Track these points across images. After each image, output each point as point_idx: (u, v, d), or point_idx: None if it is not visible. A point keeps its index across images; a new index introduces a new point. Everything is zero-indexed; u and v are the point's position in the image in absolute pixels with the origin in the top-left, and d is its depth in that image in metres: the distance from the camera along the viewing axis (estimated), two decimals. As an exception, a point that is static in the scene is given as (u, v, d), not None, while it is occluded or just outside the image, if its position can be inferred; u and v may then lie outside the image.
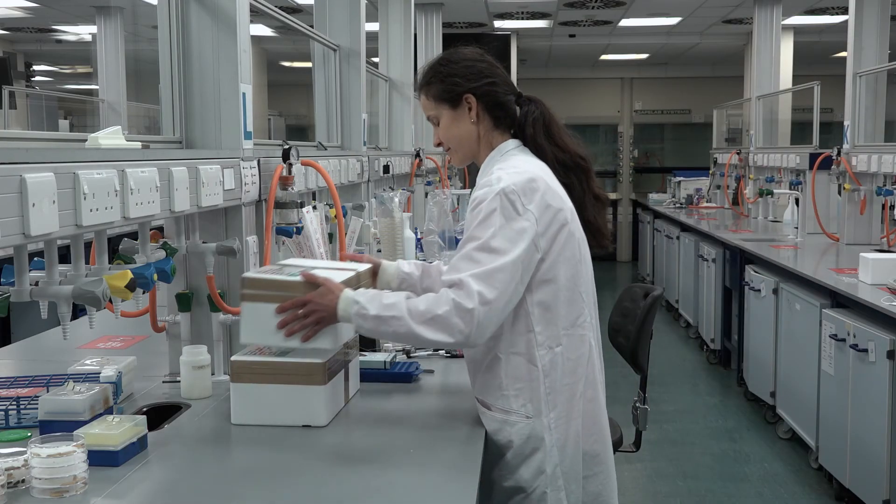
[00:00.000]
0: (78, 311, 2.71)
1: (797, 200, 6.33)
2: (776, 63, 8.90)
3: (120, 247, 2.06)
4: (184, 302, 2.40)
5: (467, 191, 6.59)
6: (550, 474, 1.94)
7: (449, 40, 8.73)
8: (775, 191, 7.06)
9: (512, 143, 2.06)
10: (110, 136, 1.94)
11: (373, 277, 2.23)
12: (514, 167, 1.96)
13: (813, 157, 6.03)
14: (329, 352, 1.98)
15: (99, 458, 1.71)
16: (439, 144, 2.12)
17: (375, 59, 6.44)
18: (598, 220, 2.08)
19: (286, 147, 2.58)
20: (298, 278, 1.98)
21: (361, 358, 2.36)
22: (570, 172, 2.05)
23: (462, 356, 2.12)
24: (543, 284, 1.91)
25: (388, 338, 1.94)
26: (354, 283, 2.07)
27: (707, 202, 9.40)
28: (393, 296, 1.91)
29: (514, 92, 2.08)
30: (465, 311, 1.81)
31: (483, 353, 1.98)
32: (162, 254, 2.12)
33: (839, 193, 5.70)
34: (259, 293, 1.97)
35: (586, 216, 2.04)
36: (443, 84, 2.05)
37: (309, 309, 1.94)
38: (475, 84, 2.03)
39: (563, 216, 1.94)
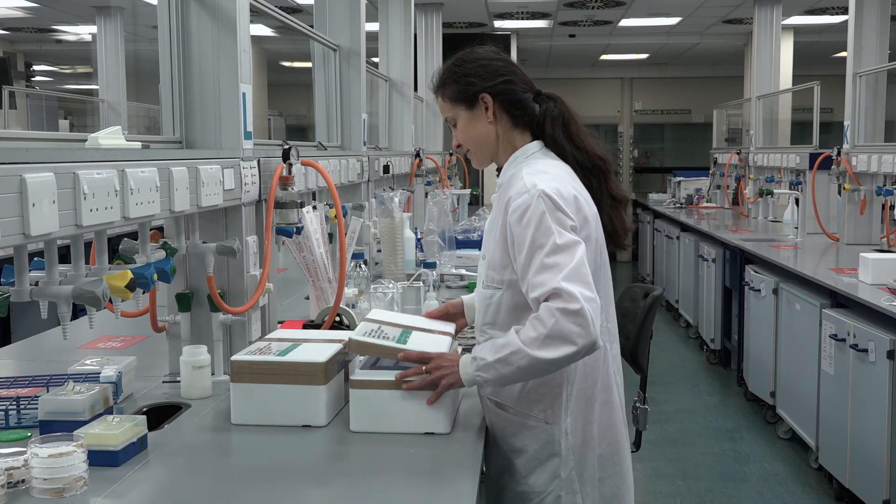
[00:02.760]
0: (78, 311, 2.72)
1: (797, 200, 6.33)
2: (776, 63, 8.90)
3: (120, 247, 2.06)
4: (184, 302, 2.40)
5: (467, 191, 6.61)
6: (566, 478, 1.93)
7: (449, 40, 8.74)
8: (775, 191, 7.06)
9: (535, 146, 2.02)
10: (110, 136, 1.94)
11: (456, 317, 2.25)
12: (543, 171, 1.93)
13: (813, 157, 6.04)
14: (441, 434, 1.94)
15: (99, 458, 1.71)
16: (459, 146, 2.09)
17: (375, 59, 6.44)
18: (615, 220, 2.05)
19: (286, 147, 2.58)
20: (407, 347, 1.98)
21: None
22: (589, 174, 2.02)
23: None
24: None
25: (517, 377, 1.85)
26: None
27: (707, 202, 9.40)
28: (504, 337, 1.86)
29: (533, 89, 2.04)
30: (574, 313, 1.73)
31: None
32: (162, 254, 2.12)
33: (839, 193, 5.70)
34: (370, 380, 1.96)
35: (602, 218, 2.01)
36: (458, 85, 2.02)
37: (434, 365, 1.91)
38: (490, 83, 1.99)
39: (588, 223, 1.93)
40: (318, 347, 2.10)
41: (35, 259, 1.76)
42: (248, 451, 1.92)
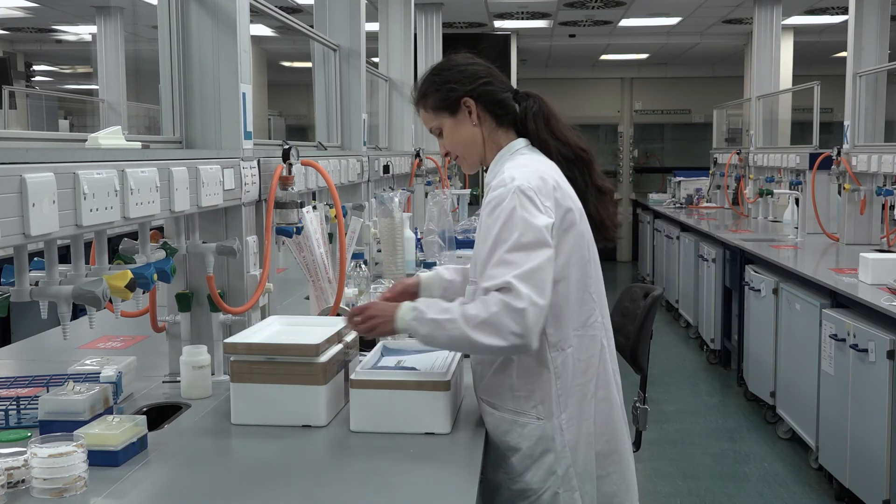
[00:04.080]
0: (78, 311, 2.71)
1: (797, 200, 6.33)
2: (776, 63, 8.90)
3: (120, 247, 2.06)
4: (184, 302, 2.40)
5: (467, 191, 6.60)
6: (563, 475, 1.93)
7: (449, 40, 8.74)
8: (775, 191, 7.06)
9: (521, 142, 2.05)
10: (110, 136, 1.94)
11: (414, 296, 2.21)
12: (525, 166, 1.95)
13: (813, 157, 6.04)
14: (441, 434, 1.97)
15: (99, 458, 1.71)
16: (447, 154, 2.11)
17: (375, 59, 6.44)
18: (602, 212, 2.06)
19: (286, 147, 2.58)
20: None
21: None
22: (573, 166, 2.04)
23: (468, 356, 2.12)
24: (554, 285, 1.88)
25: (444, 344, 1.90)
26: (335, 339, 2.12)
27: (707, 202, 9.40)
28: (449, 303, 1.89)
29: (511, 89, 2.08)
30: (516, 311, 1.77)
31: None
32: (162, 254, 2.12)
33: (839, 193, 5.70)
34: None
35: (589, 209, 2.02)
36: (438, 93, 2.04)
37: (368, 314, 1.97)
38: (470, 86, 2.02)
39: (573, 216, 1.93)
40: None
41: (35, 259, 1.76)
42: (248, 451, 1.92)
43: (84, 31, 10.53)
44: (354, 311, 2.01)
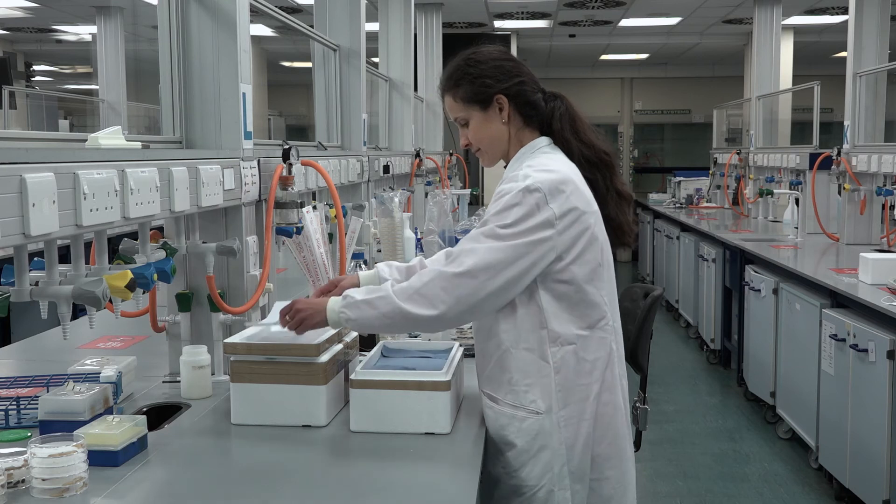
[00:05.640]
0: (78, 311, 2.71)
1: (797, 200, 6.33)
2: (776, 63, 8.90)
3: (120, 247, 2.06)
4: (184, 302, 2.40)
5: (467, 191, 6.60)
6: (558, 473, 1.93)
7: (449, 40, 8.74)
8: (775, 191, 7.05)
9: (543, 140, 2.05)
10: (110, 136, 1.94)
11: None
12: (544, 165, 1.95)
13: (813, 157, 6.04)
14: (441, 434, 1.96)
15: (99, 458, 1.72)
16: (468, 145, 2.11)
17: (375, 59, 6.44)
18: (620, 216, 2.07)
19: (286, 147, 2.58)
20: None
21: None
22: (595, 168, 2.04)
23: (472, 356, 2.12)
24: (559, 284, 1.90)
25: (378, 323, 1.93)
26: (335, 339, 2.13)
27: (707, 202, 9.39)
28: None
29: (540, 89, 2.08)
30: (448, 277, 1.83)
31: (494, 346, 1.97)
32: (162, 254, 2.12)
33: (839, 193, 5.70)
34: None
35: (608, 213, 2.03)
36: (472, 85, 2.03)
37: (295, 310, 2.02)
38: (506, 84, 2.02)
39: (587, 219, 1.93)
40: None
41: (35, 259, 1.76)
42: (248, 451, 1.92)
43: (84, 31, 10.54)
44: (283, 310, 2.05)
